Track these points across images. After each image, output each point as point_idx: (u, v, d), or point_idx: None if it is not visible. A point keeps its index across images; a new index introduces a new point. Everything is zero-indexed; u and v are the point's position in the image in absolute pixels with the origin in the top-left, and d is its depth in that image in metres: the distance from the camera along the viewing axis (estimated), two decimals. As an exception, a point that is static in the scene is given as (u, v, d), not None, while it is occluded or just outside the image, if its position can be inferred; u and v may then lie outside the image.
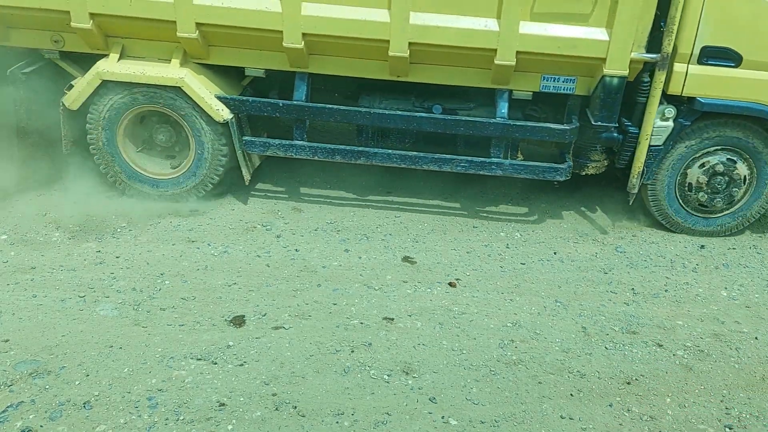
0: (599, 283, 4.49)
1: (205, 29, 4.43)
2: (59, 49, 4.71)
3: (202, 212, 4.93)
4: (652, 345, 3.88)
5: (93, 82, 4.58)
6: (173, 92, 4.61)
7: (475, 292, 4.25)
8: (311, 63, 4.65)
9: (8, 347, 3.40)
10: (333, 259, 4.49)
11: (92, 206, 4.83)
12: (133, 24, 4.44)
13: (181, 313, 3.80)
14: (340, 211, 5.09)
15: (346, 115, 4.79)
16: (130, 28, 4.50)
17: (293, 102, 4.74)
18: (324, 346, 3.62)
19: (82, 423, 2.98)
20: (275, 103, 4.76)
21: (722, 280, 4.66)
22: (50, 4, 4.34)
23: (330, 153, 4.86)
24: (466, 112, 4.94)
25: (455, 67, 4.64)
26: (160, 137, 4.92)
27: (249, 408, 3.14)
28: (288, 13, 4.31)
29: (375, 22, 4.33)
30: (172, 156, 5.02)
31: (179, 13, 4.33)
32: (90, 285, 3.99)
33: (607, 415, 3.31)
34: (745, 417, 3.38)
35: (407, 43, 4.38)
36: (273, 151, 4.88)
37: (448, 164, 4.85)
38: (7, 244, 4.36)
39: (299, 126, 4.86)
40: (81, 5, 4.31)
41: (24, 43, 4.69)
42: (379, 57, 4.54)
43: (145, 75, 4.55)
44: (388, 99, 4.98)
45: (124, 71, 4.55)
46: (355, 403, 3.23)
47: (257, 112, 4.81)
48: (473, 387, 3.41)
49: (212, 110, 4.63)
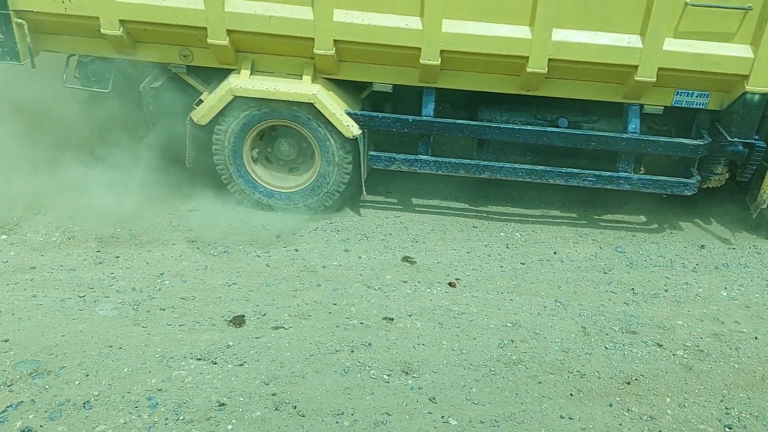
0: (599, 283, 4.49)
1: (341, 46, 4.42)
2: (187, 63, 4.71)
3: (202, 212, 4.93)
4: (651, 345, 3.88)
5: (224, 98, 4.57)
6: (303, 108, 4.61)
7: (474, 292, 4.25)
8: (440, 78, 4.66)
9: (8, 347, 3.40)
10: (333, 259, 4.49)
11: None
12: (268, 40, 4.44)
13: (180, 313, 3.80)
14: (340, 211, 5.09)
15: (476, 131, 4.78)
16: (263, 44, 4.50)
17: (422, 118, 4.74)
18: (324, 346, 3.62)
19: (81, 423, 2.98)
20: (404, 119, 4.75)
21: (722, 280, 4.66)
22: (188, 21, 4.33)
23: (454, 167, 4.87)
24: (590, 125, 4.94)
25: (587, 82, 4.64)
26: (282, 150, 4.94)
27: (249, 408, 3.14)
28: (429, 31, 4.30)
29: (516, 39, 4.32)
30: (294, 168, 5.04)
31: (318, 31, 4.33)
32: (90, 285, 3.99)
33: (607, 414, 3.31)
34: (744, 417, 3.38)
35: (547, 60, 4.38)
36: (397, 166, 4.88)
37: (574, 179, 4.84)
38: (6, 244, 4.37)
39: (425, 141, 4.86)
40: (219, 22, 4.30)
41: (151, 58, 4.68)
42: (512, 72, 4.55)
43: (279, 92, 4.55)
44: (509, 112, 4.97)
45: (257, 87, 4.54)
46: (354, 403, 3.23)
47: (386, 128, 4.79)
48: (473, 387, 3.41)
49: (342, 126, 4.64)
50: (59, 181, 4.89)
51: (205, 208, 4.93)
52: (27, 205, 4.75)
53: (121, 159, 4.97)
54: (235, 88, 4.53)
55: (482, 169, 4.87)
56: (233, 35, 4.37)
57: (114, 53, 4.61)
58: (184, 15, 4.29)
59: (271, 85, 4.54)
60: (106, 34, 4.34)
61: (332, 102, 4.59)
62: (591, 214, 5.40)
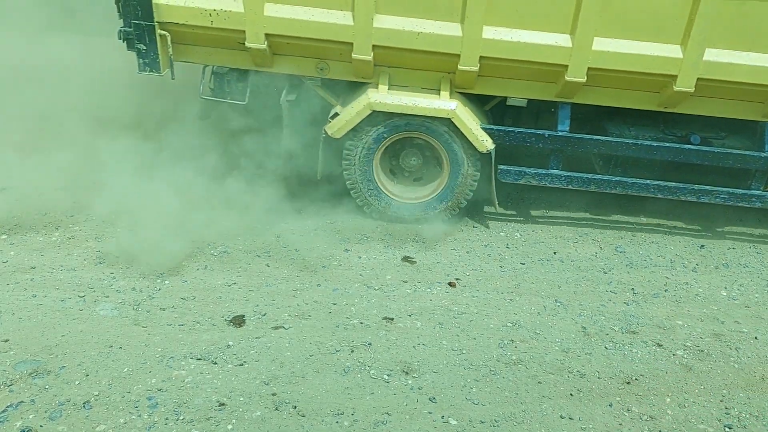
0: (599, 282, 4.49)
1: (485, 62, 4.43)
2: (322, 76, 4.71)
3: (200, 212, 4.92)
4: (651, 345, 3.88)
5: (363, 112, 4.59)
6: (439, 122, 4.63)
7: (475, 292, 4.25)
8: (579, 93, 4.69)
9: (8, 347, 3.40)
10: (333, 259, 4.49)
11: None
12: (410, 55, 4.46)
13: (180, 313, 3.80)
14: (340, 210, 5.09)
15: (612, 147, 4.80)
16: (403, 59, 4.52)
17: (558, 133, 4.76)
18: (324, 345, 3.62)
19: (82, 423, 2.98)
20: (540, 134, 4.77)
21: (722, 279, 4.66)
22: (335, 36, 4.34)
23: (585, 182, 4.90)
24: (720, 141, 4.96)
25: (727, 100, 4.67)
26: (409, 162, 4.97)
27: (249, 408, 3.14)
28: (578, 49, 4.33)
29: (667, 58, 4.35)
30: (418, 179, 5.06)
31: (466, 48, 4.34)
32: (90, 285, 3.99)
33: (607, 414, 3.31)
34: (744, 417, 3.38)
35: (696, 79, 4.40)
36: (527, 180, 4.90)
37: (707, 196, 4.87)
38: (7, 243, 4.36)
39: (557, 156, 4.88)
40: (366, 38, 4.32)
41: (288, 70, 4.69)
42: (654, 89, 4.58)
43: (417, 107, 4.57)
44: (636, 126, 4.99)
45: (396, 102, 4.56)
46: (355, 403, 3.23)
47: (520, 143, 4.81)
48: (473, 387, 3.41)
49: (477, 141, 4.67)
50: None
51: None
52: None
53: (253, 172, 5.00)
54: (374, 103, 4.55)
55: (614, 185, 4.91)
56: (376, 50, 4.39)
57: (250, 65, 4.63)
58: (332, 30, 4.31)
59: (410, 100, 4.57)
60: (249, 48, 4.36)
61: (469, 117, 4.64)
62: (591, 214, 5.40)
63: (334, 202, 5.05)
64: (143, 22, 4.29)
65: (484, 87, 4.72)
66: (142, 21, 4.29)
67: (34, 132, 5.53)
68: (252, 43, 4.34)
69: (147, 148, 5.12)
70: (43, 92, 5.80)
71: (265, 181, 4.95)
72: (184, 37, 4.46)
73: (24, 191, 4.94)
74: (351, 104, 4.64)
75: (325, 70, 4.64)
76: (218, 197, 4.85)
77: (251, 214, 4.78)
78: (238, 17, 4.28)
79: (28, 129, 5.54)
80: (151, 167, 4.94)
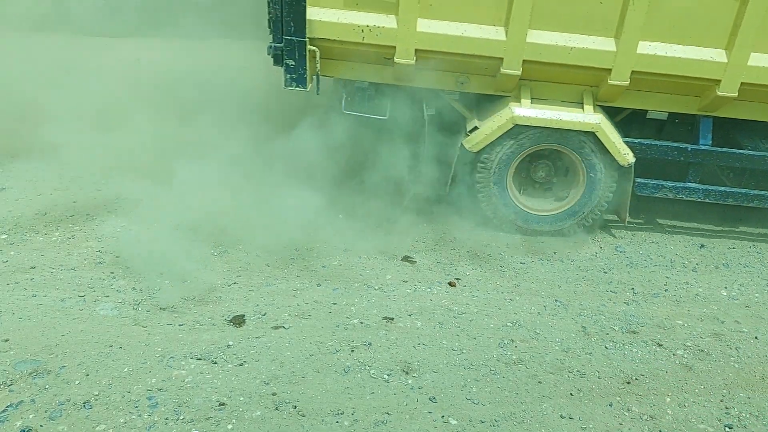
0: (599, 282, 4.50)
1: (634, 76, 4.43)
2: (462, 90, 4.73)
3: (201, 212, 4.92)
4: (652, 344, 3.88)
5: (505, 126, 4.60)
6: (581, 135, 4.65)
7: (475, 292, 4.25)
8: (724, 108, 4.70)
9: (8, 347, 3.40)
10: (333, 258, 4.49)
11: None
12: (556, 69, 4.48)
13: (180, 313, 3.80)
14: (340, 210, 5.09)
15: (755, 161, 4.84)
16: (548, 73, 4.53)
17: (701, 146, 4.77)
18: (324, 345, 3.62)
19: (82, 422, 2.98)
20: (683, 147, 4.79)
21: (722, 279, 4.66)
22: (486, 51, 4.36)
23: (723, 196, 4.94)
24: None
25: None
26: (539, 173, 4.97)
27: (249, 407, 3.14)
28: (734, 64, 4.34)
29: None
30: (548, 190, 5.06)
31: (619, 63, 4.36)
32: (90, 284, 3.99)
33: (607, 414, 3.31)
34: (744, 416, 3.38)
35: None
36: (663, 193, 4.92)
37: None
38: (7, 243, 4.36)
39: (695, 169, 4.90)
40: (518, 53, 4.34)
41: (428, 84, 4.69)
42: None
43: (562, 120, 4.59)
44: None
45: (540, 116, 4.58)
46: (355, 403, 3.23)
47: (661, 156, 4.83)
48: (473, 386, 3.41)
49: (619, 154, 4.68)
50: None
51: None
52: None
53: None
54: (517, 117, 4.57)
55: (751, 198, 4.94)
56: (524, 65, 4.40)
57: (391, 80, 4.65)
58: (483, 45, 4.33)
59: (555, 114, 4.58)
60: (398, 63, 4.37)
61: (612, 130, 4.66)
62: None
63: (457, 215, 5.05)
64: (294, 38, 4.32)
65: (627, 100, 4.72)
66: (293, 37, 4.31)
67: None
68: (401, 59, 4.36)
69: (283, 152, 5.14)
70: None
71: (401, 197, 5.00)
72: (330, 52, 4.48)
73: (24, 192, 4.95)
74: (491, 118, 4.64)
75: (465, 84, 4.66)
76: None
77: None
78: (390, 33, 4.31)
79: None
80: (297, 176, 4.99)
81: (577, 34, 4.33)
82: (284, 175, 4.93)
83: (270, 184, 4.90)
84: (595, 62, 4.39)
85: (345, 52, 4.49)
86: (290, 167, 4.97)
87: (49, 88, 5.95)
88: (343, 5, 4.31)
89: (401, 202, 5.08)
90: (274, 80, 4.95)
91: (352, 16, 4.31)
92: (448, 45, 4.34)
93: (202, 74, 6.56)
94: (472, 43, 4.33)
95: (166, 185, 4.82)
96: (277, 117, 5.58)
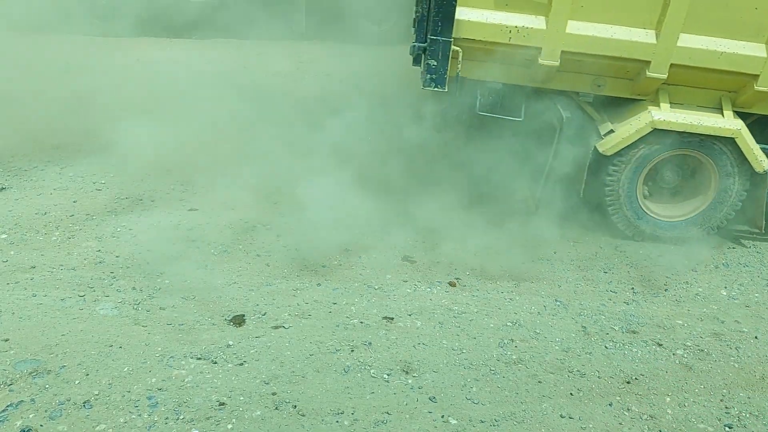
0: (599, 282, 4.49)
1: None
2: (597, 93, 4.72)
3: (201, 212, 4.93)
4: (651, 344, 3.88)
5: (643, 130, 4.60)
6: (719, 141, 4.64)
7: (475, 292, 4.25)
8: None
9: (8, 346, 3.40)
10: (333, 258, 4.49)
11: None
12: (700, 74, 4.47)
13: (180, 313, 3.80)
14: (340, 210, 5.09)
15: None
16: (690, 77, 4.53)
17: None
18: (324, 345, 3.62)
19: (82, 422, 2.98)
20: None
21: (722, 279, 4.66)
22: (633, 54, 4.38)
23: None
24: None
25: None
26: (668, 179, 4.96)
27: (249, 407, 3.14)
28: None
29: None
30: (675, 195, 5.05)
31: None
32: (90, 284, 3.99)
33: (607, 414, 3.31)
34: (744, 416, 3.38)
35: None
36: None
37: None
38: (6, 243, 4.36)
39: None
40: (666, 57, 4.35)
41: (564, 86, 4.70)
42: None
43: (702, 125, 4.59)
44: None
45: (680, 121, 4.59)
46: (355, 403, 3.23)
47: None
48: (473, 386, 3.41)
49: (756, 161, 4.69)
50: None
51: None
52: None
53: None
54: (657, 121, 4.57)
55: None
56: (671, 69, 4.40)
57: (527, 82, 4.65)
58: (631, 48, 4.35)
59: (695, 119, 4.59)
60: (542, 64, 4.37)
61: (749, 137, 4.65)
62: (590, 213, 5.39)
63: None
64: (440, 38, 4.31)
65: (763, 107, 4.71)
66: (439, 37, 4.31)
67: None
68: (546, 60, 4.36)
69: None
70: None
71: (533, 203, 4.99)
72: (472, 53, 4.47)
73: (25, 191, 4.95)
74: (628, 121, 4.64)
75: (602, 86, 4.66)
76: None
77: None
78: (538, 34, 4.32)
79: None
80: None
81: (727, 39, 4.33)
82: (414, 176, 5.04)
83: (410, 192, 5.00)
84: (744, 68, 4.39)
85: (486, 53, 4.47)
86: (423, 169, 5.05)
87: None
88: (493, 5, 4.32)
89: (531, 205, 5.05)
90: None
91: (500, 16, 4.33)
92: (595, 47, 4.35)
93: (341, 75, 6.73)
94: (621, 46, 4.34)
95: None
96: (390, 117, 5.62)
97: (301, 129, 5.80)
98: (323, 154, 5.22)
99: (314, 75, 7.70)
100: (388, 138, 5.39)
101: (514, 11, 4.32)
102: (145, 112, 5.94)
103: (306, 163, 5.25)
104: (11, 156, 5.50)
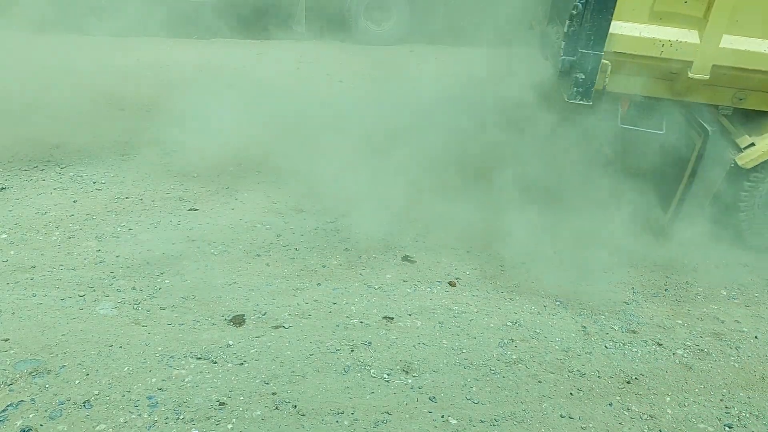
0: (599, 281, 4.49)
1: None
2: (737, 105, 4.68)
3: (202, 212, 4.93)
4: (651, 344, 3.88)
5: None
6: None
7: (475, 291, 4.25)
8: None
9: (8, 346, 3.40)
10: (333, 258, 4.49)
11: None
12: None
13: (180, 313, 3.80)
14: (341, 210, 5.09)
15: None
16: None
17: None
18: (324, 345, 3.62)
19: (82, 422, 2.98)
20: None
21: (722, 279, 4.66)
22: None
23: None
24: None
25: None
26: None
27: (249, 407, 3.14)
28: None
29: None
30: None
31: None
32: (90, 284, 3.99)
33: (607, 414, 3.31)
34: (744, 416, 3.38)
35: None
36: None
37: None
38: (6, 243, 4.37)
39: None
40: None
41: (703, 99, 4.66)
42: None
43: None
44: None
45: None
46: (355, 403, 3.23)
47: None
48: (473, 386, 3.41)
49: None
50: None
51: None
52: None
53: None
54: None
55: None
56: None
57: (667, 94, 4.62)
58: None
59: None
60: (691, 78, 4.35)
61: None
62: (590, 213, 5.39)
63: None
64: (592, 52, 4.28)
65: None
66: (590, 51, 4.28)
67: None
68: (697, 74, 4.33)
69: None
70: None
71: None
72: (619, 66, 4.45)
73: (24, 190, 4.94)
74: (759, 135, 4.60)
75: (742, 100, 4.63)
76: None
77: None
78: (690, 48, 4.28)
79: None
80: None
81: None
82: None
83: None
84: None
85: (634, 66, 4.45)
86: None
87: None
88: (647, 19, 4.30)
89: (663, 219, 5.02)
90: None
91: (654, 30, 4.30)
92: (748, 61, 4.31)
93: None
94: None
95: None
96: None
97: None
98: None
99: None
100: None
101: (669, 25, 4.30)
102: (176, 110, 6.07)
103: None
104: (11, 156, 5.49)
